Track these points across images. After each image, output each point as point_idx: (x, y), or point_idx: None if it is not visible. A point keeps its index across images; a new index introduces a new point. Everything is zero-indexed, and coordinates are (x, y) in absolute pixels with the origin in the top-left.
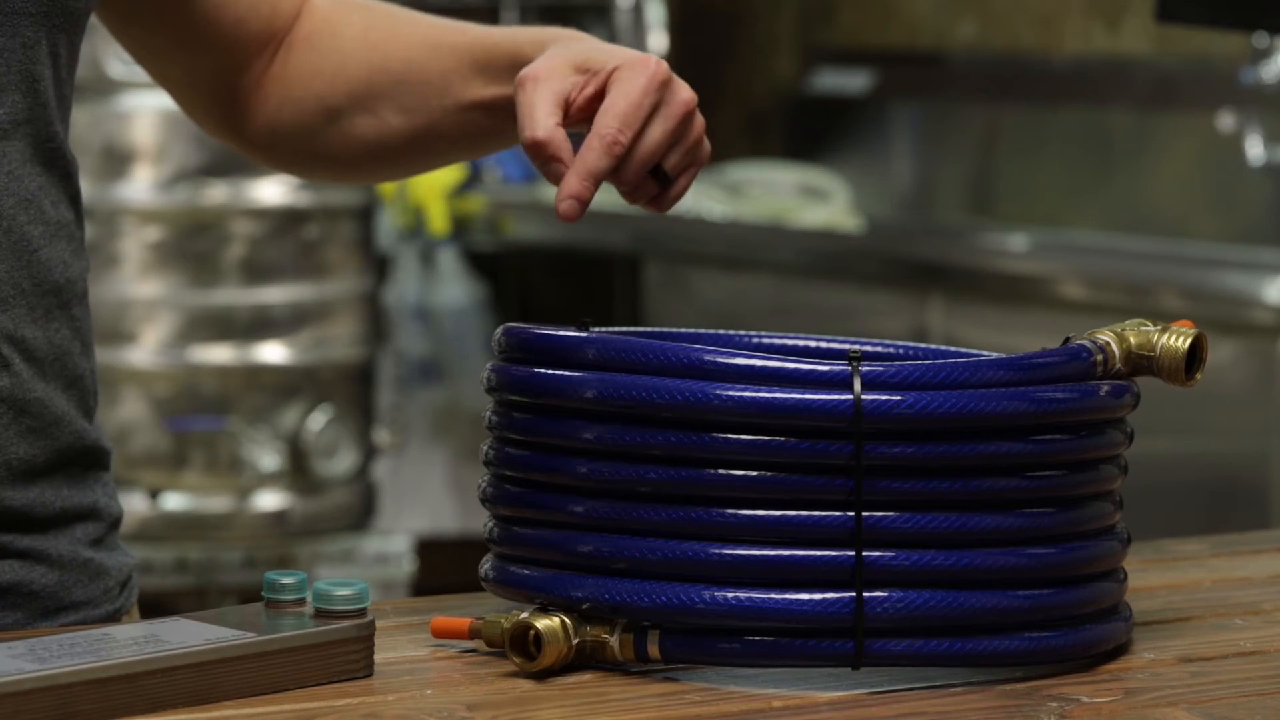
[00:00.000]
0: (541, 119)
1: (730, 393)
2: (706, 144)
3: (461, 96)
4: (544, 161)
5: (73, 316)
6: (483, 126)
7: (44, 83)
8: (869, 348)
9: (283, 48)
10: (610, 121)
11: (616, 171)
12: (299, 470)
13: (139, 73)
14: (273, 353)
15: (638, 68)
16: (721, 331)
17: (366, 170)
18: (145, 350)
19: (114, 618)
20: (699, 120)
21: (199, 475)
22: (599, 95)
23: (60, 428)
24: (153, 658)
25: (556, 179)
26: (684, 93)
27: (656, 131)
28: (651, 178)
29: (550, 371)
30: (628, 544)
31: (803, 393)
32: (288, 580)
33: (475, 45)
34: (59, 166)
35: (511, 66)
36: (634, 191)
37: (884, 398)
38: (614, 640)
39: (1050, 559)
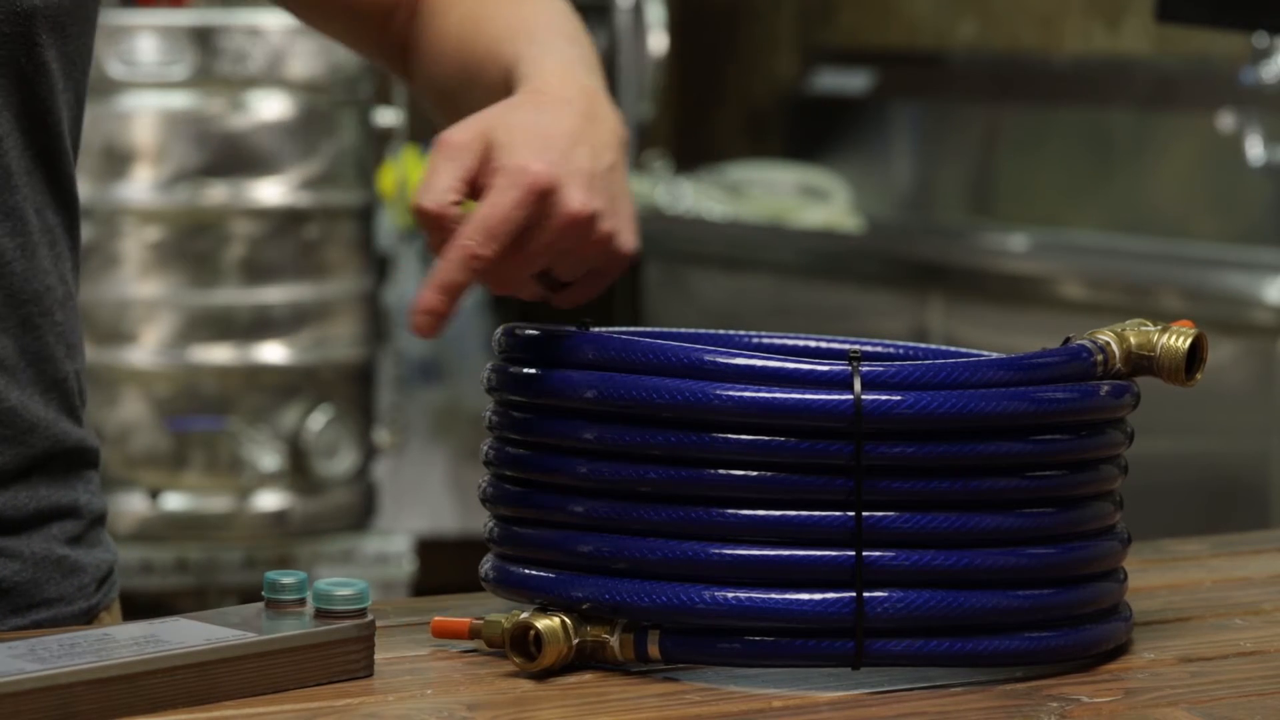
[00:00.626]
0: (439, 190)
1: (730, 393)
2: (620, 246)
3: None
4: (428, 231)
5: (54, 321)
6: None
7: (30, 88)
8: (869, 348)
9: (416, 14)
10: (472, 234)
11: (487, 276)
12: (299, 470)
13: (139, 73)
14: (273, 353)
15: (513, 178)
16: (721, 331)
17: None
18: (145, 350)
19: (90, 614)
20: (599, 228)
21: (199, 475)
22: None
23: (34, 434)
24: (153, 658)
25: (436, 250)
26: (571, 204)
27: (534, 244)
28: (537, 281)
29: (550, 371)
30: (628, 544)
31: (803, 393)
32: (288, 580)
33: (510, 71)
34: (50, 172)
35: None
36: (518, 293)
37: (884, 398)
38: (614, 640)
39: (1050, 559)
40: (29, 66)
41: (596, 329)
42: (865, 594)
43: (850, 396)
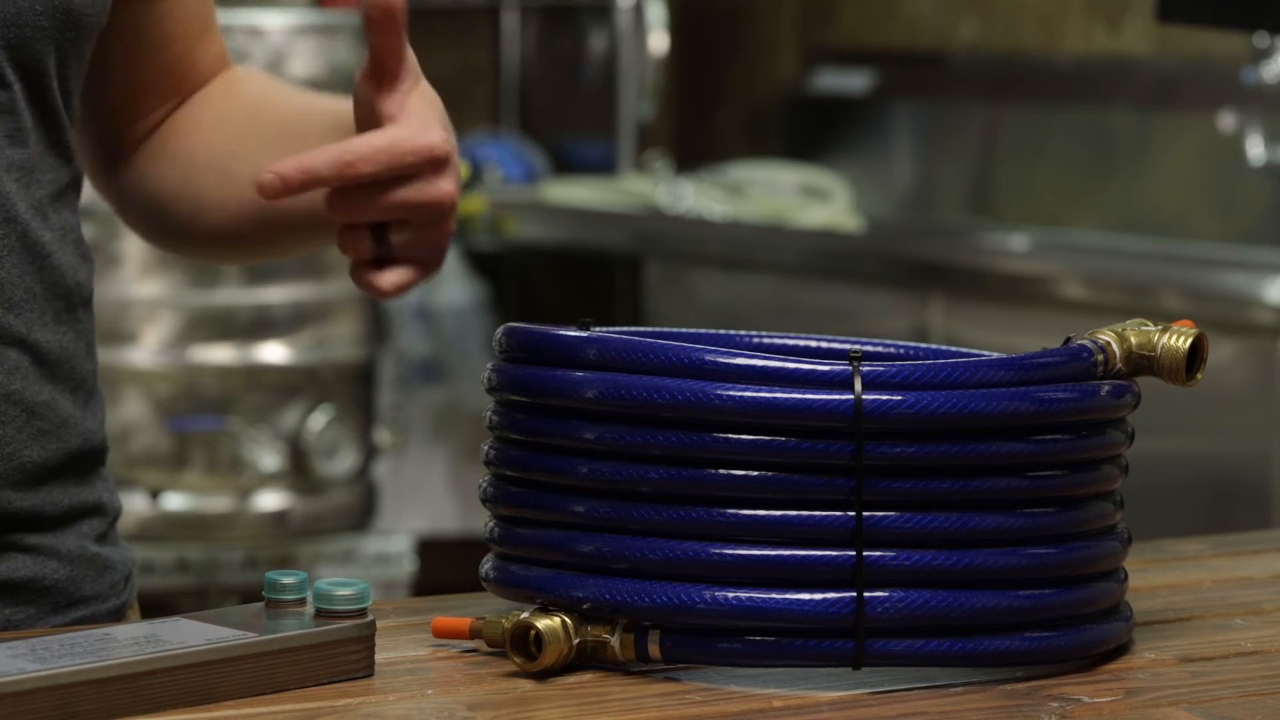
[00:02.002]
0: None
1: (731, 393)
2: (442, 251)
3: None
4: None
5: (78, 320)
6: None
7: (54, 94)
8: (869, 348)
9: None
10: (361, 147)
11: (338, 196)
12: (300, 470)
13: None
14: (273, 353)
15: (422, 125)
16: (721, 331)
17: (216, 246)
18: (146, 350)
19: (120, 611)
20: (447, 225)
21: (200, 475)
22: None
23: (67, 429)
24: (153, 658)
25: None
26: (446, 186)
27: (398, 194)
28: (369, 233)
29: (551, 371)
30: (628, 544)
31: (803, 393)
32: (288, 580)
33: (341, 115)
34: (68, 173)
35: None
36: (346, 239)
37: (885, 398)
38: (615, 640)
39: (1051, 559)
40: (53, 63)
41: (597, 329)
42: (866, 594)
43: (851, 396)
